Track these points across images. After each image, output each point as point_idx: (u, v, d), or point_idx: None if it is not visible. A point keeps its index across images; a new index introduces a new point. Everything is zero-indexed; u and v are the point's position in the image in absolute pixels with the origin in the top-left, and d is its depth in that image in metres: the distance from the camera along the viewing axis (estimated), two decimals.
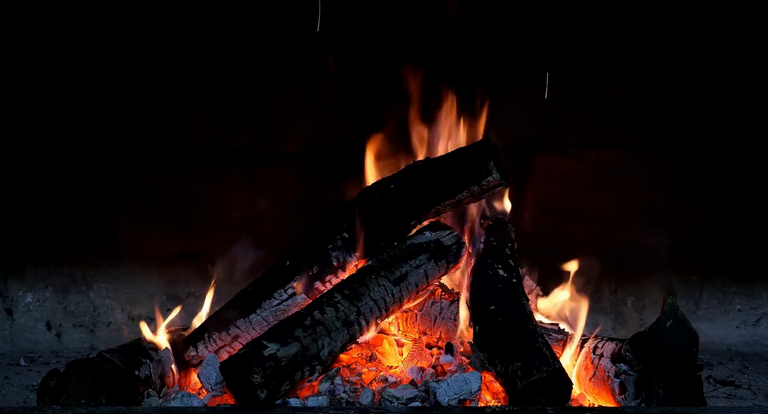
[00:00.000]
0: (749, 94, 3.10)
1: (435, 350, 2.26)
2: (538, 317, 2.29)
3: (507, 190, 2.41)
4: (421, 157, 2.46)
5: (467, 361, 2.13)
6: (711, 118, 3.12)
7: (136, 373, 2.06)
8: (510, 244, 2.41)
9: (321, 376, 2.01)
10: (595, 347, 2.10)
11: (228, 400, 2.01)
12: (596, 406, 2.02)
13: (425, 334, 2.32)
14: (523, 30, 3.04)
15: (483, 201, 2.40)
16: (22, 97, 3.06)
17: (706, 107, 3.11)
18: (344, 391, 1.99)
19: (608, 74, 3.10)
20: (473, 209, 2.46)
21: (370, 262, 2.23)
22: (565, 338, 2.23)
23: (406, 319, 2.35)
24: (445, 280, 2.42)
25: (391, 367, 2.21)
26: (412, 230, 2.29)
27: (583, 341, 2.16)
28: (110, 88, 3.07)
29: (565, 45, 3.06)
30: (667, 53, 3.07)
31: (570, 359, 2.15)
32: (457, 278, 2.44)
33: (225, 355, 2.17)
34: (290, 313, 2.13)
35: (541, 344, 1.93)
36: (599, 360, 2.04)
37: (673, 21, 3.04)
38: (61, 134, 3.08)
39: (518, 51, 3.04)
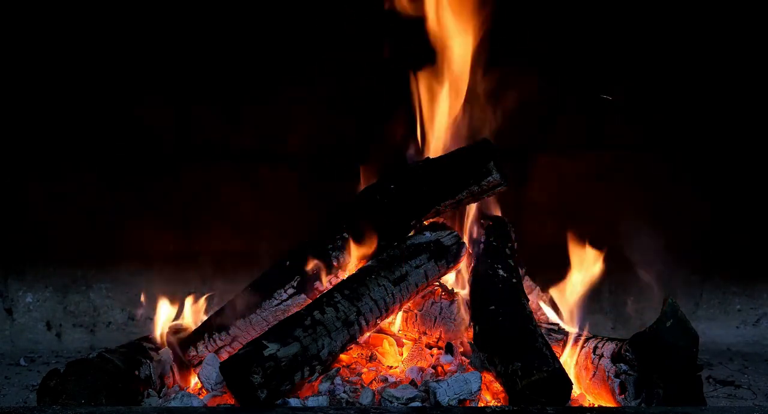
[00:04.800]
0: (750, 93, 3.10)
1: (435, 350, 2.26)
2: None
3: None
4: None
5: (467, 361, 2.13)
6: (712, 117, 3.12)
7: (136, 373, 2.06)
8: (510, 244, 2.41)
9: (321, 376, 2.01)
10: (595, 347, 2.10)
11: (228, 400, 2.01)
12: (596, 406, 2.02)
13: (425, 334, 2.31)
14: (523, 29, 3.04)
15: (483, 201, 2.40)
16: (23, 97, 3.06)
17: (706, 106, 3.11)
18: (344, 391, 1.99)
19: (608, 74, 3.10)
20: (473, 209, 2.46)
21: (370, 262, 2.22)
22: (565, 338, 2.23)
23: (406, 319, 2.35)
24: (445, 280, 2.42)
25: (391, 367, 2.21)
26: (412, 230, 2.29)
27: (584, 341, 2.16)
28: (110, 88, 3.07)
29: (565, 44, 3.06)
30: (668, 53, 3.07)
31: (570, 359, 2.15)
32: (457, 278, 2.44)
33: (225, 355, 2.17)
34: (290, 313, 2.13)
35: (541, 344, 1.93)
36: (599, 360, 2.05)
37: (673, 20, 3.04)
38: (61, 134, 3.08)
39: (519, 51, 3.04)
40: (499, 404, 1.98)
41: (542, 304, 2.46)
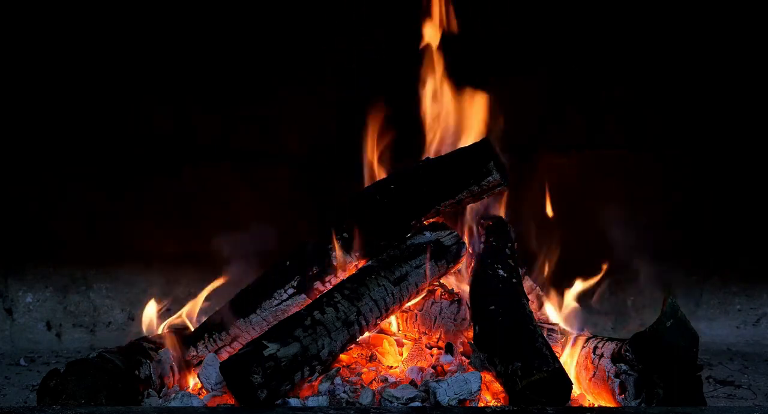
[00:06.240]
0: (750, 93, 3.10)
1: (435, 350, 2.26)
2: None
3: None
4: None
5: (467, 361, 2.13)
6: (711, 117, 3.12)
7: (136, 373, 2.06)
8: (510, 244, 2.41)
9: (321, 376, 2.01)
10: (595, 347, 2.10)
11: (228, 400, 2.01)
12: (596, 406, 2.02)
13: (425, 334, 2.32)
14: (523, 30, 3.04)
15: (483, 201, 2.40)
16: (23, 98, 3.06)
17: (706, 106, 3.11)
18: (344, 391, 1.99)
19: (608, 74, 3.10)
20: (473, 209, 2.46)
21: (370, 262, 2.23)
22: (565, 338, 2.23)
23: (406, 319, 2.35)
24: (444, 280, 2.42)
25: (391, 367, 2.21)
26: (412, 230, 2.29)
27: (584, 341, 2.16)
28: (111, 89, 3.07)
29: (565, 45, 3.06)
30: (667, 52, 3.08)
31: (570, 359, 2.15)
32: (457, 278, 2.44)
33: (225, 355, 2.17)
34: (290, 313, 2.13)
35: (541, 344, 1.93)
36: (599, 360, 2.05)
37: (672, 19, 3.04)
38: (61, 135, 3.08)
39: (519, 51, 3.04)
40: (499, 404, 1.98)
41: (543, 304, 2.46)
